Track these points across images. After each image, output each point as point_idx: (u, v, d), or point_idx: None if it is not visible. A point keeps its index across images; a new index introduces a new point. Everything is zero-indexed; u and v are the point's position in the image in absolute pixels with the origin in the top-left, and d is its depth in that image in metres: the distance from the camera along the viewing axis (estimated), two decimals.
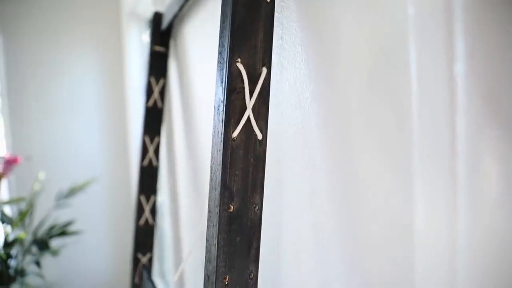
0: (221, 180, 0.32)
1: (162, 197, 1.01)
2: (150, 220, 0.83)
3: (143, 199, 0.81)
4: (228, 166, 0.32)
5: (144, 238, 0.83)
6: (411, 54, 0.26)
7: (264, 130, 0.34)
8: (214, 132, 0.34)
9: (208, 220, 0.35)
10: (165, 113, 0.92)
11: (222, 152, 0.32)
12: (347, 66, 0.32)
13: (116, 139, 1.61)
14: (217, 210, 0.33)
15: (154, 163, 0.83)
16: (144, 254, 0.84)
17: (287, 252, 0.42)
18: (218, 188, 0.33)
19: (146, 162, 0.82)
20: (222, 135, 0.32)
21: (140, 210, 0.82)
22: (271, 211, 0.43)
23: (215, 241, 0.33)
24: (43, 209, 1.41)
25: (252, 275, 0.34)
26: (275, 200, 0.43)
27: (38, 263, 1.22)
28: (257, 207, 0.34)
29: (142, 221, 0.82)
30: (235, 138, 0.32)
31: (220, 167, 0.33)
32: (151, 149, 0.82)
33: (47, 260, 1.37)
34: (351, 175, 0.33)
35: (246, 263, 0.34)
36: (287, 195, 0.41)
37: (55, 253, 1.31)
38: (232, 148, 0.32)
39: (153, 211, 0.83)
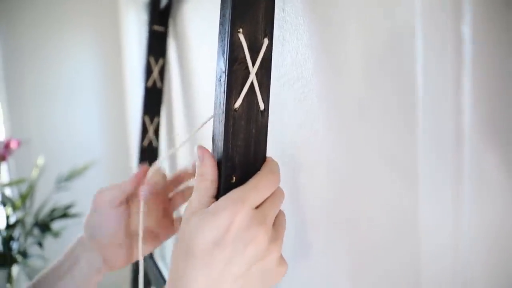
0: (223, 151, 0.32)
1: None
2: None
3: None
4: (230, 137, 0.32)
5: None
6: (416, 32, 0.25)
7: (266, 101, 0.34)
8: (215, 103, 0.34)
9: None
10: (165, 93, 0.92)
11: (224, 123, 0.32)
12: (350, 38, 0.32)
13: (115, 121, 1.60)
14: (220, 181, 0.33)
15: (154, 143, 0.83)
16: None
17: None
18: (221, 159, 0.33)
19: (146, 142, 0.82)
20: (224, 105, 0.32)
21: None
22: None
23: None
24: (43, 192, 1.42)
25: None
26: None
27: (40, 244, 1.23)
28: None
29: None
30: (237, 109, 0.32)
31: (222, 138, 0.33)
32: (151, 130, 0.82)
33: (48, 241, 1.38)
34: (352, 146, 0.33)
35: None
36: (289, 167, 0.42)
37: (56, 234, 1.32)
38: (234, 118, 0.32)
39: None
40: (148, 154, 0.83)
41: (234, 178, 0.33)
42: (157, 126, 0.83)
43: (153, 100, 0.83)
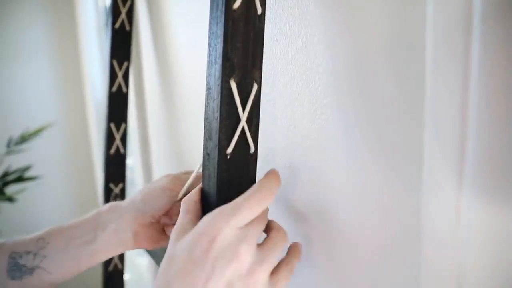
0: (222, 52, 0.32)
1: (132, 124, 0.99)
2: (121, 149, 0.81)
3: (113, 127, 0.79)
4: (230, 37, 0.32)
5: (115, 167, 0.82)
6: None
7: (263, 5, 0.34)
8: (212, 6, 0.34)
9: (208, 97, 0.35)
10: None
11: (223, 23, 0.32)
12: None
13: (70, 81, 1.52)
14: (218, 82, 0.33)
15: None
16: (116, 185, 0.83)
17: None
18: (219, 61, 0.33)
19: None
20: (224, 6, 0.32)
21: (110, 138, 0.80)
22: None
23: (217, 115, 0.33)
24: None
25: (252, 150, 0.36)
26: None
27: None
28: (256, 84, 0.35)
29: (113, 150, 0.81)
30: (236, 10, 0.32)
31: (221, 39, 0.33)
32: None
33: (5, 213, 1.30)
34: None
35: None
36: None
37: (11, 199, 1.25)
38: (233, 19, 0.32)
39: (124, 140, 0.81)
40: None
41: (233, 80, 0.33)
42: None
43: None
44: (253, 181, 0.36)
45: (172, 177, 0.46)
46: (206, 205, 0.36)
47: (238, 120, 0.34)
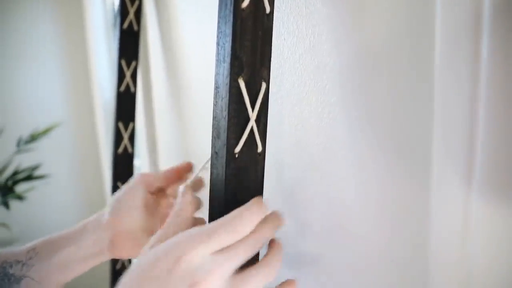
0: (230, 50, 0.33)
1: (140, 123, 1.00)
2: (129, 148, 0.82)
3: (121, 126, 0.80)
4: (238, 36, 0.33)
5: (123, 166, 0.82)
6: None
7: (271, 4, 0.34)
8: (221, 5, 0.34)
9: (216, 96, 0.35)
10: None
11: (232, 22, 0.32)
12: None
13: (78, 81, 1.53)
14: (227, 81, 0.33)
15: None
16: (124, 183, 0.83)
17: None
18: (228, 60, 0.33)
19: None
20: (232, 5, 0.32)
21: (118, 138, 0.80)
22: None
23: (225, 113, 0.34)
24: (3, 156, 1.34)
25: (260, 150, 0.36)
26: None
27: (6, 205, 1.18)
28: (264, 83, 0.35)
29: (121, 149, 0.81)
30: (244, 8, 0.32)
31: (230, 38, 0.33)
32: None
33: (15, 211, 1.31)
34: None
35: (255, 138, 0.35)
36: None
37: (21, 197, 1.27)
38: (242, 18, 0.33)
39: (132, 139, 0.82)
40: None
41: (241, 78, 0.33)
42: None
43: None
44: (261, 181, 0.36)
45: (140, 173, 0.49)
46: (213, 204, 0.36)
47: (246, 119, 0.34)
